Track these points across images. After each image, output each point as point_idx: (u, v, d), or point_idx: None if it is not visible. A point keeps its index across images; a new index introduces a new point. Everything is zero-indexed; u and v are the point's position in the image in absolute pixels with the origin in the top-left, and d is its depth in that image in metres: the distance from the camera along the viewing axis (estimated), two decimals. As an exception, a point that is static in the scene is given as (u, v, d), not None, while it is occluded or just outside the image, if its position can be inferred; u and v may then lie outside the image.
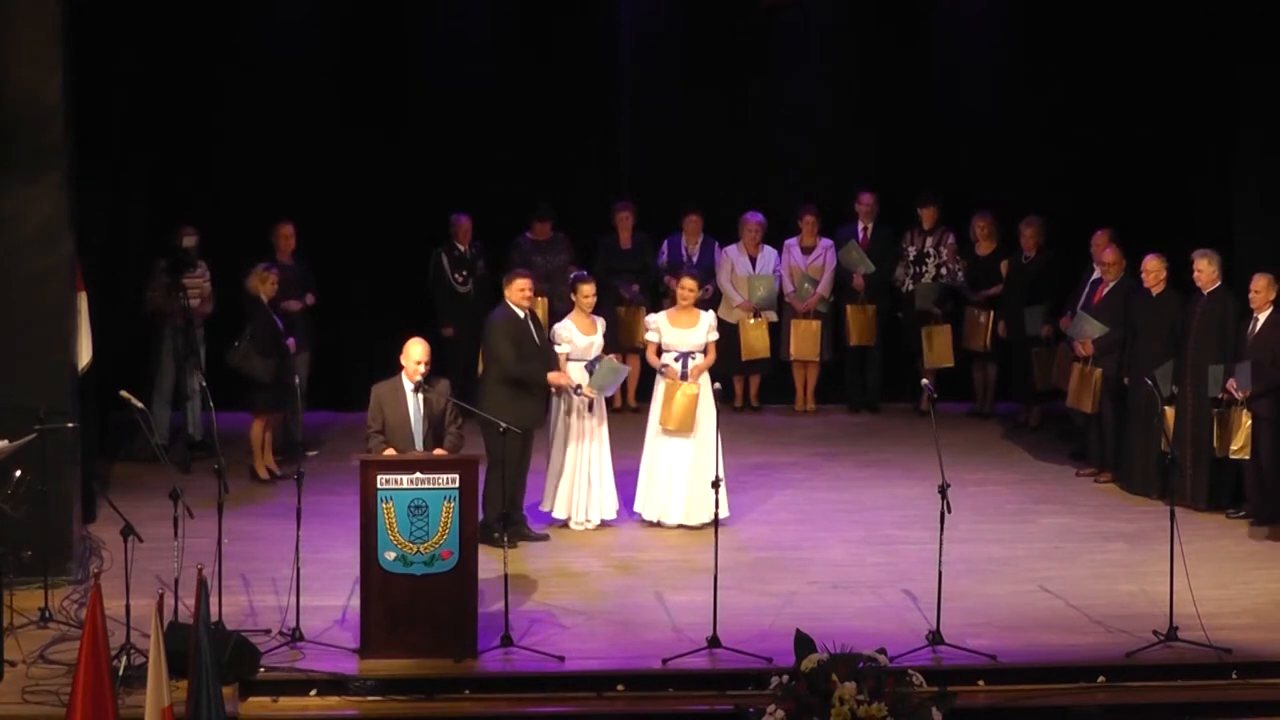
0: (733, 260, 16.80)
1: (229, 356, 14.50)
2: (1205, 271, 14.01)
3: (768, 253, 16.83)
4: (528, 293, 13.28)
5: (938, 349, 16.73)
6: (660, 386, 13.70)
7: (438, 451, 11.71)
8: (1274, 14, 14.57)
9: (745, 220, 16.77)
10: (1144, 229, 15.43)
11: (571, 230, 16.76)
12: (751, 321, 16.75)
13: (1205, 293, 14.02)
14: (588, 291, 13.59)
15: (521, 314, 13.24)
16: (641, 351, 14.65)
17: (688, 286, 13.79)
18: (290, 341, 14.79)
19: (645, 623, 11.81)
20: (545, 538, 13.39)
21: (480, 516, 11.79)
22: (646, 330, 13.94)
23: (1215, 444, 13.75)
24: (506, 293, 13.30)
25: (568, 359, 13.49)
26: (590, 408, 13.45)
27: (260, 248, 15.42)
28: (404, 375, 11.92)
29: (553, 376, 13.26)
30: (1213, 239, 14.63)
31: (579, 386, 13.39)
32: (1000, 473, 15.20)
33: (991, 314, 16.53)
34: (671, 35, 17.28)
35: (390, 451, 11.64)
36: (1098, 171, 16.87)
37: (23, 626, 11.44)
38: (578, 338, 13.54)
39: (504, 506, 12.33)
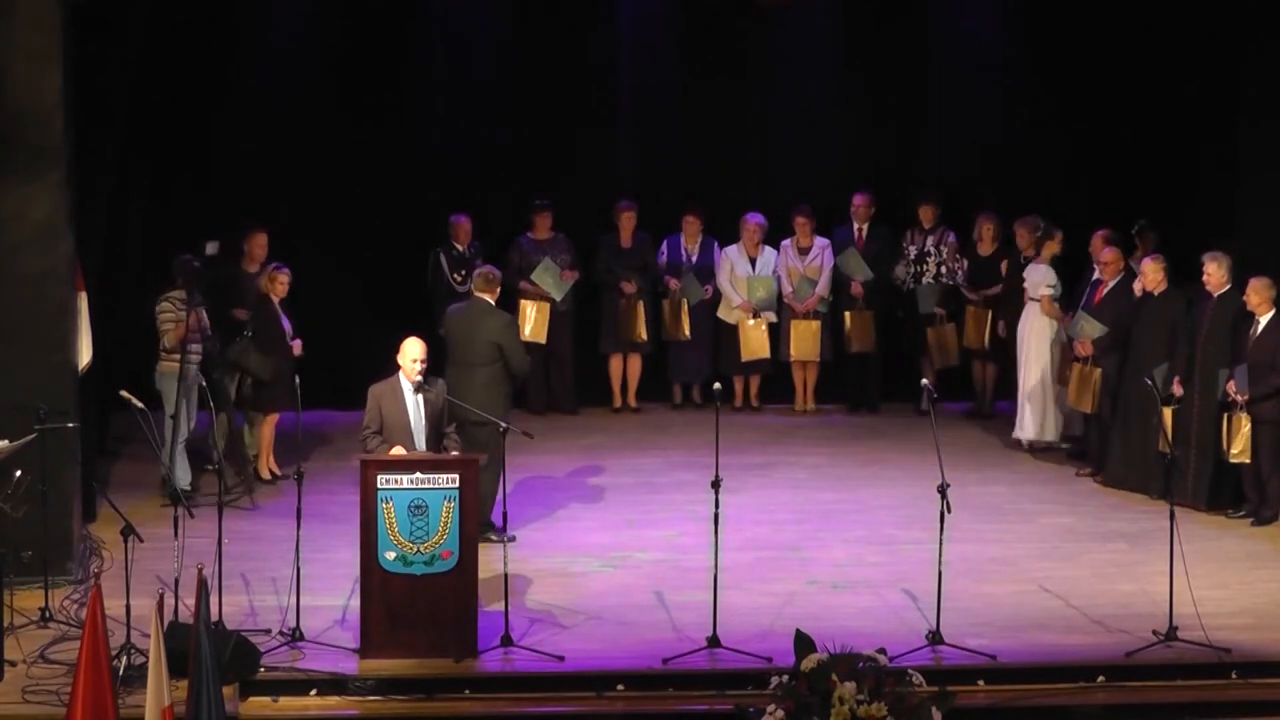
0: (733, 261, 16.80)
1: (229, 350, 14.44)
2: (1214, 275, 13.91)
3: (768, 254, 16.82)
4: None
5: (945, 349, 16.74)
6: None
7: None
8: (1275, 13, 14.57)
9: (745, 221, 16.76)
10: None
11: (571, 230, 16.77)
12: (751, 322, 16.75)
13: (1215, 295, 13.96)
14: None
15: None
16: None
17: None
18: (296, 343, 14.74)
19: (645, 623, 11.80)
20: (512, 539, 13.29)
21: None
22: None
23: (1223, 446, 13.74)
24: (494, 294, 13.30)
25: None
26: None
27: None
28: (401, 375, 11.89)
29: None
30: (1213, 240, 14.63)
31: None
32: (1000, 473, 15.19)
33: (991, 313, 16.52)
34: (671, 35, 17.28)
35: (398, 450, 11.62)
36: (1098, 171, 16.85)
37: (23, 626, 11.44)
38: None
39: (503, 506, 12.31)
